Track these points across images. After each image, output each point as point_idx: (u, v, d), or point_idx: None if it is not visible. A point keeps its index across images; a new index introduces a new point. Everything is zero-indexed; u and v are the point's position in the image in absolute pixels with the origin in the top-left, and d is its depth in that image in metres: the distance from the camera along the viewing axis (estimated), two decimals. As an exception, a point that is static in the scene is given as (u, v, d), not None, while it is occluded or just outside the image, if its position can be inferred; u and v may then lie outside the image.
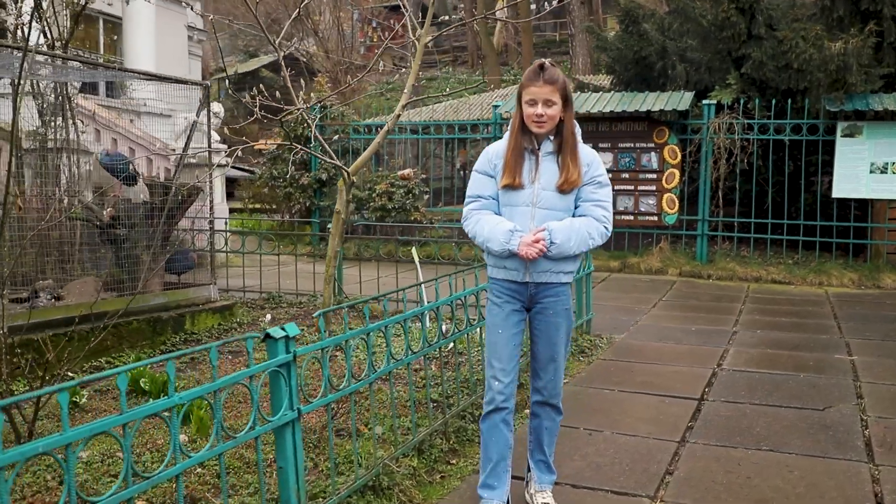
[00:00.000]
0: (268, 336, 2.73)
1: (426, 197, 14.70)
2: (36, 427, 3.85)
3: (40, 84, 8.05)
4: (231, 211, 14.71)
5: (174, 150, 10.90)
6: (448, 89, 28.26)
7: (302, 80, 9.12)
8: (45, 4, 7.79)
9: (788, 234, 11.02)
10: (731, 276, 10.62)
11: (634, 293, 9.44)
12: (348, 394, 3.26)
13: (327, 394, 3.05)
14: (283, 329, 2.79)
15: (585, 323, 6.87)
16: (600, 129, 11.61)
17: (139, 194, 6.60)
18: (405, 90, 6.45)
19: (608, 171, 11.25)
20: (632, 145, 11.45)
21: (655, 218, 11.38)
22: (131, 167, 6.52)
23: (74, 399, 4.43)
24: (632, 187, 11.44)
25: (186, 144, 7.03)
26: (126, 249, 6.35)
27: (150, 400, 4.47)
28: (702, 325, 7.46)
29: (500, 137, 12.25)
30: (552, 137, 3.16)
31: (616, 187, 11.47)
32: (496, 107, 12.16)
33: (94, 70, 6.80)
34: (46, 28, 7.78)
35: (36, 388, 4.10)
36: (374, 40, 36.36)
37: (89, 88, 16.13)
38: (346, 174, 6.17)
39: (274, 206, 14.33)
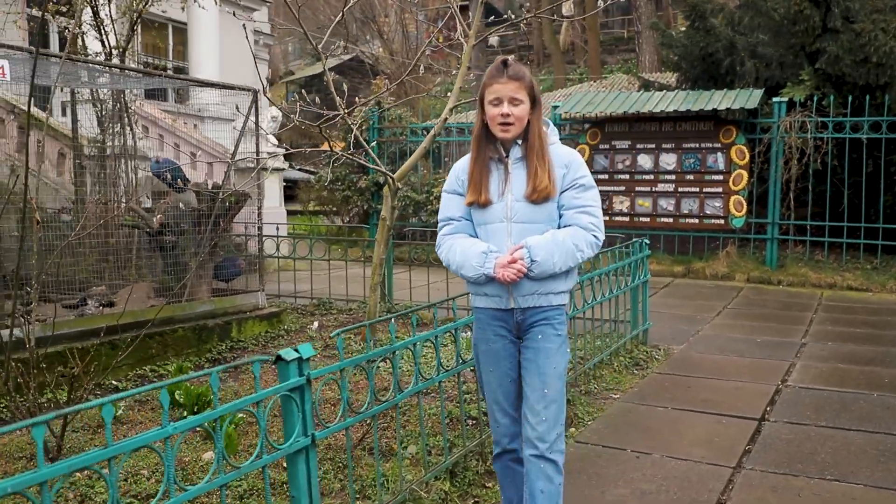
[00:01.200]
0: (279, 358, 2.59)
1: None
2: (64, 441, 3.83)
3: (100, 92, 8.18)
4: (291, 213, 14.81)
5: (240, 154, 10.99)
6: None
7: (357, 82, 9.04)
8: (102, 13, 7.91)
9: (866, 238, 10.42)
10: (803, 282, 10.09)
11: (698, 300, 9.05)
12: (370, 416, 3.09)
13: (346, 417, 2.89)
14: (295, 350, 2.64)
15: (642, 333, 6.57)
16: (664, 129, 11.21)
17: (188, 201, 6.60)
18: (452, 92, 6.27)
19: (671, 172, 11.10)
20: (697, 145, 11.01)
21: (722, 221, 10.92)
22: (169, 174, 6.51)
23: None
24: (697, 189, 11.01)
25: (234, 151, 7.00)
26: (175, 256, 6.35)
27: (185, 413, 4.41)
28: (768, 336, 7.06)
29: (560, 139, 11.81)
30: (520, 142, 2.81)
31: (680, 189, 11.08)
32: (555, 107, 11.88)
33: (148, 77, 6.82)
34: (104, 36, 7.89)
35: (72, 400, 4.08)
36: (440, 41, 36.39)
37: (160, 95, 16.50)
38: (391, 180, 6.03)
39: (334, 209, 14.35)
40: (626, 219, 11.45)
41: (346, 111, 5.79)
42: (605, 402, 5.06)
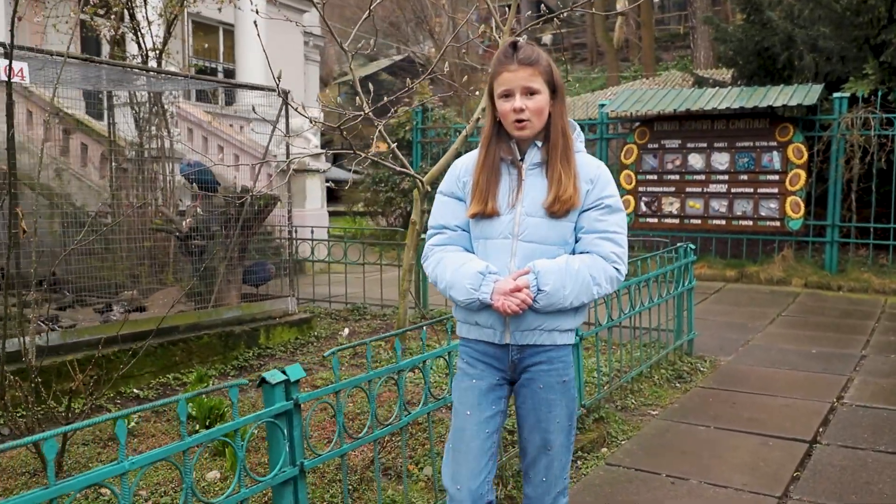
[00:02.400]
0: (263, 381, 2.38)
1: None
2: (70, 454, 3.70)
3: (137, 94, 8.15)
4: (336, 214, 14.73)
5: (275, 156, 10.93)
6: (568, 88, 27.58)
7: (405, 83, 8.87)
8: (139, 16, 7.87)
9: (934, 242, 9.82)
10: (866, 288, 9.53)
11: (750, 307, 8.61)
12: (372, 441, 2.86)
13: (342, 443, 2.67)
14: (282, 372, 2.43)
15: (686, 343, 6.21)
16: (716, 127, 10.75)
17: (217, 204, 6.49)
18: (484, 93, 6.01)
19: (723, 172, 10.62)
20: (751, 144, 10.52)
21: (777, 223, 10.42)
22: (198, 176, 6.40)
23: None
24: (751, 190, 10.52)
25: (265, 153, 6.87)
26: (203, 260, 6.24)
27: (198, 427, 4.25)
28: (824, 348, 6.62)
29: (607, 138, 11.44)
30: (539, 144, 2.34)
31: (733, 190, 10.62)
32: (602, 105, 11.51)
33: (175, 79, 6.74)
34: (140, 39, 7.86)
35: (81, 412, 3.96)
36: (492, 40, 36.06)
37: (208, 97, 16.61)
38: (420, 183, 5.81)
39: (378, 211, 14.22)
40: (676, 221, 11.02)
41: (366, 110, 5.57)
42: (643, 420, 4.74)
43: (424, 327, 3.26)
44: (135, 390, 5.19)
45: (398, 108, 12.76)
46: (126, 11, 7.67)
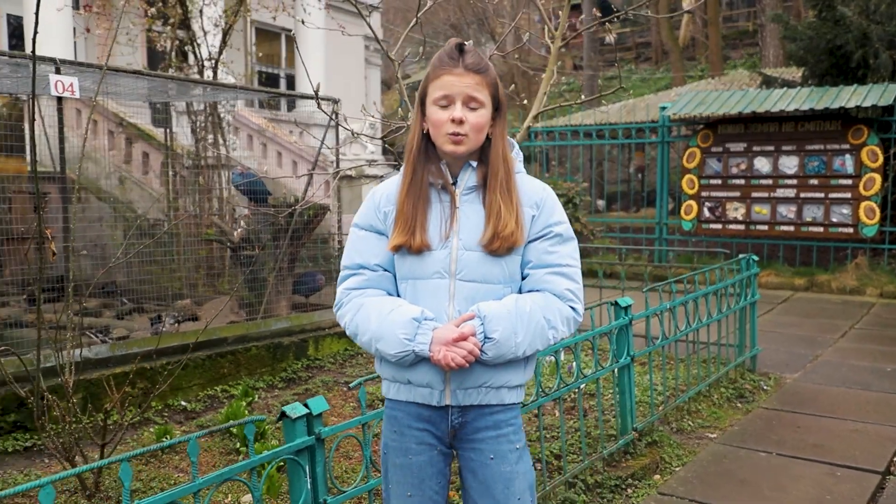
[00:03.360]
0: (283, 415, 2.28)
1: (600, 202, 13.91)
2: (106, 474, 3.68)
3: (194, 103, 8.25)
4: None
5: (332, 162, 10.95)
6: (631, 89, 27.07)
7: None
8: (195, 26, 7.95)
9: None
10: (946, 298, 9.01)
11: (819, 318, 8.20)
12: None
13: (369, 478, 2.55)
14: (304, 405, 2.33)
15: (749, 359, 5.92)
16: (784, 129, 10.31)
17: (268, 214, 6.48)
18: (537, 98, 5.84)
19: (792, 176, 10.19)
20: (822, 147, 10.05)
21: (851, 229, 9.92)
22: (249, 186, 6.40)
23: (164, 439, 4.25)
24: (821, 195, 10.05)
25: (315, 161, 6.84)
26: (254, 271, 6.24)
27: (239, 444, 4.20)
28: (900, 365, 6.24)
29: (667, 142, 11.10)
30: (474, 164, 2.01)
31: (802, 194, 10.17)
32: (663, 108, 11.18)
33: (231, 89, 6.76)
34: (195, 49, 7.93)
35: (116, 426, 3.94)
36: (566, 42, 35.60)
37: (271, 104, 16.80)
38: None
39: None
40: (741, 227, 10.61)
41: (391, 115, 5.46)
42: (699, 444, 4.51)
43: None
44: (182, 402, 5.19)
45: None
46: (182, 21, 7.76)
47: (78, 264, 8.00)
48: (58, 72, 4.81)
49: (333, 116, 6.89)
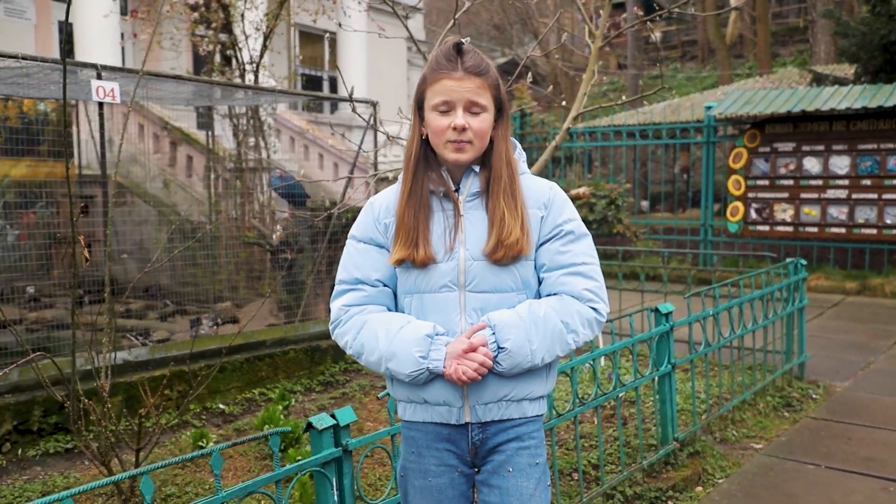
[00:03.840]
0: (310, 426, 2.24)
1: (644, 203, 13.66)
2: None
3: (236, 107, 8.31)
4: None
5: (373, 164, 10.96)
6: (675, 88, 26.65)
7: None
8: (237, 30, 8.01)
9: None
10: None
11: (872, 324, 7.93)
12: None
13: (399, 491, 2.49)
14: (332, 416, 2.29)
15: (797, 367, 5.74)
16: (835, 128, 10.01)
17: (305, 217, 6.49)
18: (577, 99, 5.75)
19: (843, 177, 9.88)
20: (875, 147, 9.73)
21: (905, 232, 9.60)
22: (287, 189, 6.41)
23: (200, 444, 4.26)
24: (874, 196, 9.73)
25: (353, 165, 6.83)
26: (292, 274, 6.25)
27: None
28: (957, 374, 5.99)
29: (712, 142, 10.84)
30: (477, 169, 1.93)
31: (854, 195, 9.87)
32: (709, 107, 10.95)
33: (269, 93, 6.79)
34: (236, 52, 7.99)
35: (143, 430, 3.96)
36: (609, 41, 35.29)
37: (315, 106, 16.94)
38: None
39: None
40: (790, 229, 10.34)
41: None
42: (744, 454, 4.37)
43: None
44: (220, 405, 5.21)
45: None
46: (224, 26, 7.82)
47: (123, 267, 8.14)
48: (99, 77, 4.87)
49: (371, 119, 6.88)
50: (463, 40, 1.90)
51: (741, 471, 4.12)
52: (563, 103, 7.30)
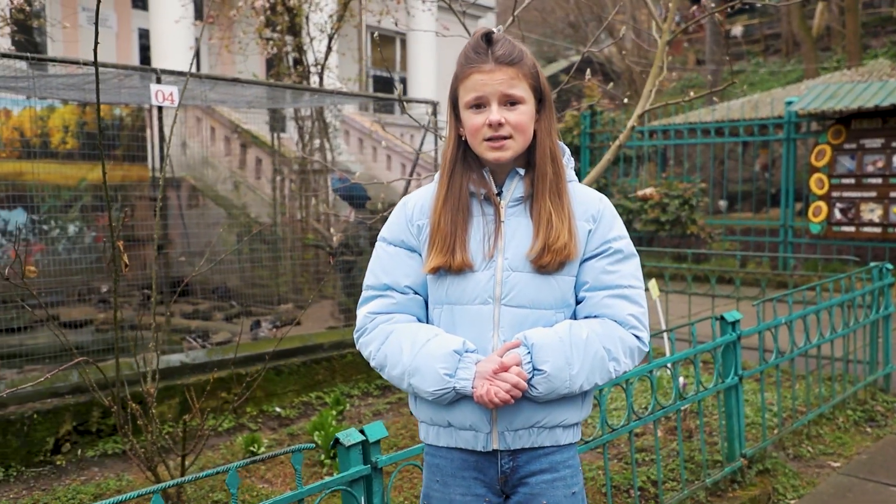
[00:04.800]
0: (337, 442, 2.14)
1: (722, 203, 13.21)
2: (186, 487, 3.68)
3: (302, 109, 8.35)
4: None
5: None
6: (757, 83, 25.74)
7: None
8: (303, 33, 8.04)
9: None
10: None
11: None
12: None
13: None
14: (361, 432, 2.18)
15: (882, 378, 5.37)
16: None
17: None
18: (642, 96, 5.52)
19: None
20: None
21: None
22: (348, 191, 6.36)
23: (251, 448, 4.24)
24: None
25: (413, 167, 6.75)
26: (351, 276, 6.21)
27: (322, 457, 4.12)
28: None
29: (793, 139, 10.30)
30: (522, 171, 1.77)
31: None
32: (789, 103, 10.46)
33: (329, 95, 6.77)
34: (301, 55, 8.02)
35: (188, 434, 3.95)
36: (678, 35, 34.55)
37: (386, 107, 16.99)
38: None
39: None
40: (878, 230, 9.77)
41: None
42: (819, 473, 4.08)
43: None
44: (277, 409, 5.20)
45: (565, 112, 12.33)
46: (291, 30, 7.86)
47: (192, 268, 8.27)
48: (158, 81, 4.92)
49: (429, 119, 6.79)
50: (494, 29, 1.74)
51: (816, 491, 3.85)
52: (626, 101, 7.04)
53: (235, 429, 4.90)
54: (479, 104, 1.71)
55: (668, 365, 3.45)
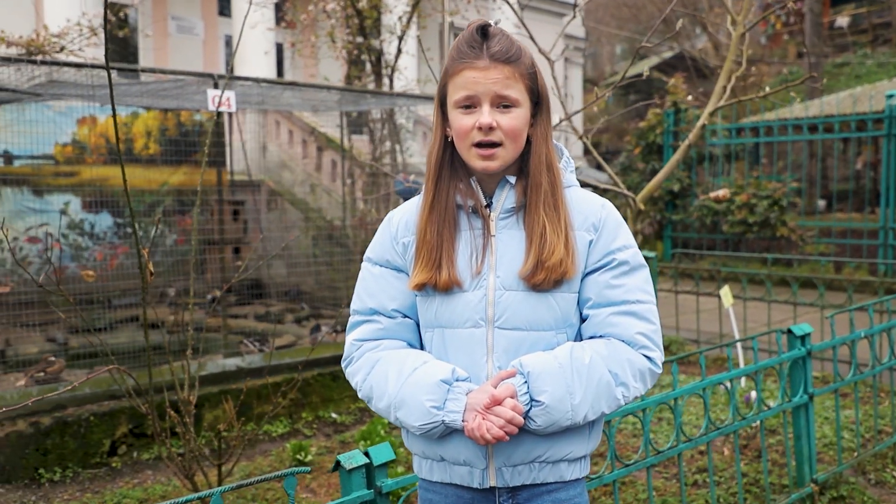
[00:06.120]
0: (338, 465, 2.04)
1: (821, 202, 12.50)
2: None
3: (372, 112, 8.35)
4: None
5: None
6: (864, 75, 24.37)
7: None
8: (372, 36, 8.02)
9: None
10: None
11: None
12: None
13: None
14: (365, 454, 2.07)
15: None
16: None
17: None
18: (715, 93, 5.21)
19: None
20: None
21: None
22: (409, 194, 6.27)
23: (298, 457, 4.20)
24: None
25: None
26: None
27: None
28: None
29: (894, 135, 9.61)
30: (513, 180, 1.61)
31: None
32: (890, 96, 9.79)
33: (388, 97, 6.71)
34: (370, 58, 8.01)
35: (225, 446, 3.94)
36: (778, 27, 33.05)
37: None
38: (633, 202, 5.16)
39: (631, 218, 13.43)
40: None
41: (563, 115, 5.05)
42: (903, 502, 3.73)
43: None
44: (333, 415, 5.16)
45: (649, 110, 11.93)
46: (361, 35, 7.86)
47: (268, 270, 8.39)
48: (215, 86, 4.95)
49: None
50: (491, 22, 1.58)
51: (896, 523, 3.51)
52: (688, 97, 6.69)
53: (290, 434, 4.89)
54: (470, 104, 1.55)
55: (727, 382, 3.20)
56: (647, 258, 6.16)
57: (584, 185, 1.75)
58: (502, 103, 1.55)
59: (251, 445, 4.62)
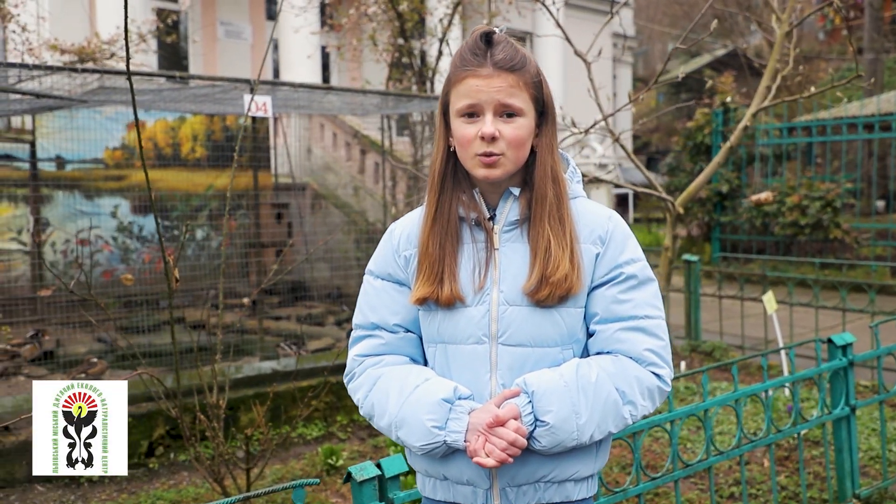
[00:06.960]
0: (349, 477, 2.02)
1: (880, 203, 12.15)
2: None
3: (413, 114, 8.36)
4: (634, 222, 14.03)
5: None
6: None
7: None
8: (413, 39, 8.03)
9: None
10: None
11: None
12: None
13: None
14: (377, 465, 2.05)
15: None
16: None
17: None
18: (758, 93, 5.09)
19: None
20: None
21: None
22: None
23: (330, 461, 4.20)
24: None
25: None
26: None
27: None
28: None
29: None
30: (517, 191, 1.57)
31: None
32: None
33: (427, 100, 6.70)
34: (412, 59, 8.02)
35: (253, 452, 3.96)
36: (837, 22, 32.18)
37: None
38: (671, 206, 5.06)
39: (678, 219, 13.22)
40: None
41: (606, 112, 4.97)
42: (952, 520, 3.56)
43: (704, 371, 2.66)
44: (356, 418, 5.17)
45: (697, 110, 11.70)
46: (402, 39, 7.87)
47: (311, 273, 8.46)
48: (252, 91, 4.99)
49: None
50: (495, 28, 1.54)
51: (944, 542, 3.36)
52: (717, 97, 6.52)
53: (325, 437, 4.91)
54: (473, 113, 1.52)
55: (762, 393, 3.11)
56: (688, 262, 6.04)
57: (618, 187, 1.71)
58: (506, 112, 1.51)
59: (285, 448, 4.65)
